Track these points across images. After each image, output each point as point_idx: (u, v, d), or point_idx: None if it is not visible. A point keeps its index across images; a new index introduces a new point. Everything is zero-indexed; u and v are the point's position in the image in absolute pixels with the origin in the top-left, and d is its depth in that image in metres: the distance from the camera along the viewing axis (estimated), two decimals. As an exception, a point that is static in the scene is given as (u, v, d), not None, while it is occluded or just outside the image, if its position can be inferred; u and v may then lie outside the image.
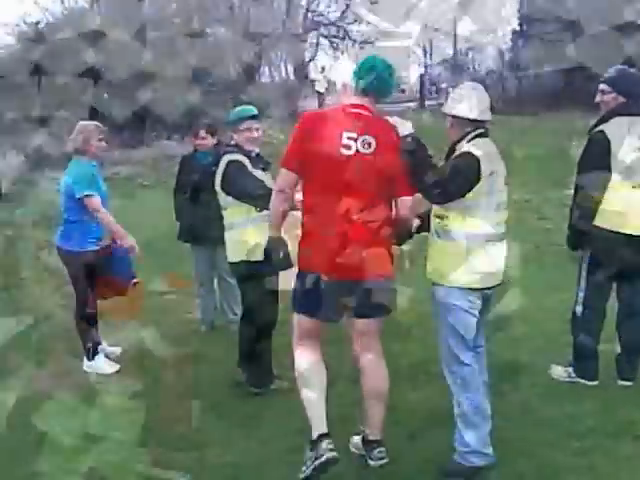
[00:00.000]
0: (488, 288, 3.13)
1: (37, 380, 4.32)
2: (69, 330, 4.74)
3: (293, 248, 3.11)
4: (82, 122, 4.46)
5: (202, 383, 4.15)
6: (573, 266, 4.08)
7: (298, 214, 3.14)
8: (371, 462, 3.08)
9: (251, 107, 4.06)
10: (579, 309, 3.96)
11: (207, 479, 3.11)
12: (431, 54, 42.75)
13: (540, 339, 4.63)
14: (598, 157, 3.73)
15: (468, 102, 3.14)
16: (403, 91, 41.50)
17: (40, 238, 8.86)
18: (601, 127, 3.78)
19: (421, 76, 32.84)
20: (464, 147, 3.06)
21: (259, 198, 3.63)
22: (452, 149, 3.15)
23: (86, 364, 4.42)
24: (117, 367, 4.40)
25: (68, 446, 3.42)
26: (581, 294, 3.94)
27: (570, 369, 4.01)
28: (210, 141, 4.88)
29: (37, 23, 21.00)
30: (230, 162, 3.86)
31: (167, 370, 4.37)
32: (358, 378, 3.93)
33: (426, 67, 42.70)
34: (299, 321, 3.10)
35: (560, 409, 3.63)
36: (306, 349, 3.09)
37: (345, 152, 2.91)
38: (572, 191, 3.97)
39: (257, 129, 3.98)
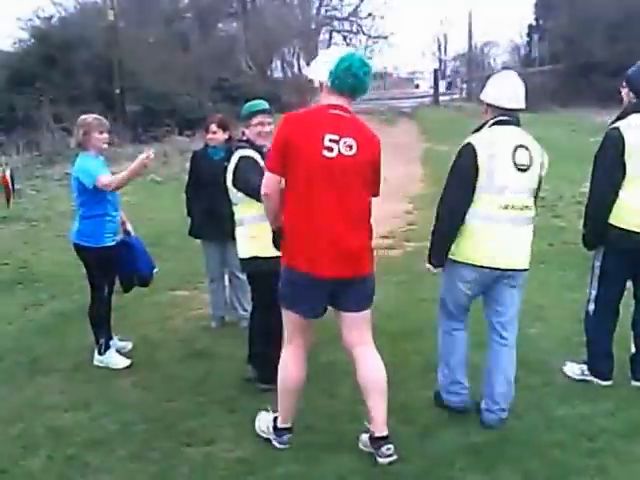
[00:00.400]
0: (492, 268, 3.31)
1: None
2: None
3: None
4: (81, 116, 4.42)
5: (212, 379, 4.15)
6: (587, 265, 4.03)
7: None
8: (379, 460, 3.11)
9: (262, 101, 4.05)
10: (591, 307, 3.92)
11: (216, 475, 3.10)
12: (446, 49, 42.63)
13: (554, 338, 4.60)
14: (612, 154, 3.68)
15: (494, 89, 3.42)
16: (417, 86, 41.43)
17: (52, 233, 8.94)
18: (617, 124, 3.74)
19: (435, 71, 32.68)
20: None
21: None
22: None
23: (97, 358, 4.44)
24: (128, 362, 4.42)
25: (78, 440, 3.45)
26: (593, 292, 3.91)
27: (584, 367, 3.97)
28: (221, 136, 4.86)
29: (50, 18, 21.09)
30: (242, 158, 3.85)
31: (177, 365, 4.39)
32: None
33: (441, 62, 42.58)
34: (288, 317, 3.17)
35: (572, 409, 3.60)
36: (293, 350, 3.19)
37: (327, 154, 2.95)
38: (587, 189, 3.93)
39: (269, 123, 3.96)
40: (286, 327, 3.21)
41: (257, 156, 3.86)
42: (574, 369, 4.01)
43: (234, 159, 3.88)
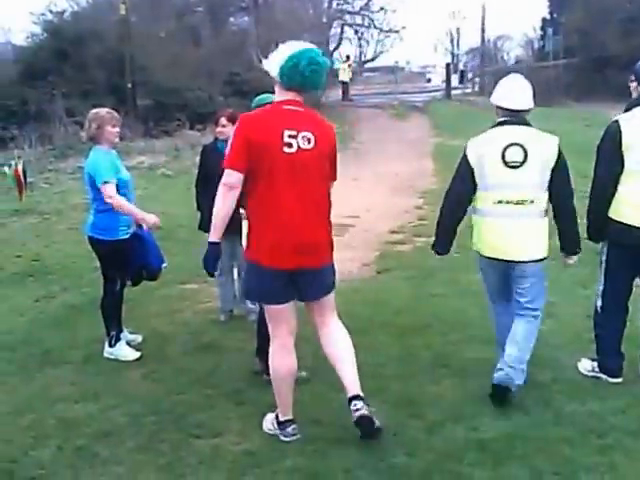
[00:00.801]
0: (496, 259, 3.61)
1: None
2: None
3: None
4: (93, 110, 4.44)
5: (221, 372, 4.17)
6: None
7: None
8: (355, 415, 3.17)
9: (272, 95, 4.03)
10: (599, 303, 3.89)
11: (224, 467, 3.11)
12: (459, 43, 42.32)
13: (565, 335, 4.56)
14: (610, 147, 3.66)
15: (499, 91, 3.68)
16: (429, 80, 41.22)
17: (64, 226, 8.99)
18: (617, 117, 3.72)
19: (447, 65, 32.46)
20: None
21: None
22: None
23: (107, 350, 4.46)
24: (138, 354, 4.44)
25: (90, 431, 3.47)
26: (601, 288, 3.88)
27: (595, 364, 3.94)
28: (231, 129, 4.83)
29: (63, 12, 21.15)
30: None
31: (186, 358, 4.41)
32: (378, 372, 3.96)
33: (453, 56, 42.29)
34: (269, 311, 3.26)
35: (582, 406, 3.57)
36: (279, 340, 3.26)
37: (288, 150, 3.05)
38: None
39: None
40: (268, 320, 3.28)
41: None
42: (586, 365, 3.98)
43: None
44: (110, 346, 4.46)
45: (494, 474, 2.99)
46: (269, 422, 3.41)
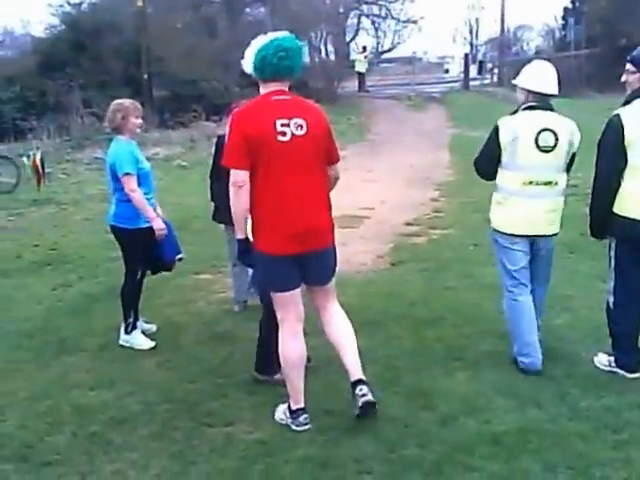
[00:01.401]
0: (522, 235, 3.82)
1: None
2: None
3: None
4: (118, 100, 4.49)
5: (234, 361, 4.19)
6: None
7: None
8: (361, 400, 3.23)
9: None
10: (611, 300, 3.86)
11: (235, 455, 3.13)
12: (477, 33, 41.88)
13: (581, 329, 4.51)
14: (612, 141, 3.62)
15: (527, 74, 3.84)
16: (447, 71, 40.84)
17: (80, 216, 9.07)
18: (618, 110, 3.66)
19: (466, 56, 32.14)
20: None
21: None
22: None
23: (123, 338, 4.50)
24: (152, 344, 4.47)
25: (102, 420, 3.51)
26: (611, 283, 3.84)
27: (612, 358, 3.89)
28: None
29: (80, 4, 21.24)
30: None
31: (200, 347, 4.43)
32: (391, 364, 3.95)
33: (472, 46, 41.87)
34: (277, 298, 3.31)
35: (597, 400, 3.54)
36: (288, 326, 3.31)
37: (282, 139, 3.11)
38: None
39: None
40: (275, 307, 3.34)
41: None
42: (602, 360, 3.93)
43: None
44: (126, 333, 4.49)
45: (506, 467, 2.97)
46: (281, 412, 3.42)
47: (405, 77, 30.11)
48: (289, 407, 3.36)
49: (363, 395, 3.25)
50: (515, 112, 3.87)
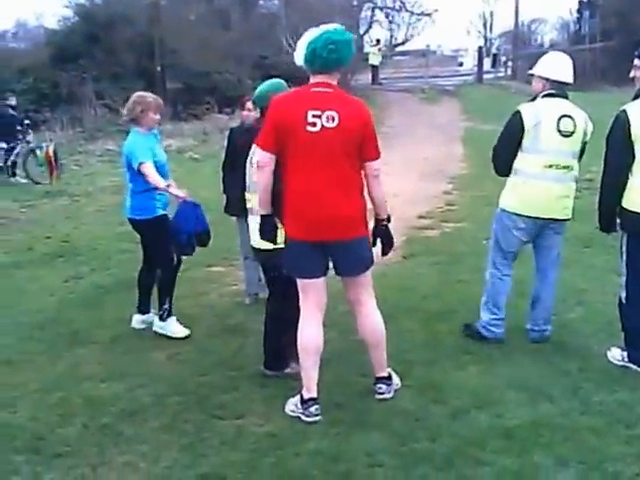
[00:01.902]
0: (538, 218, 3.95)
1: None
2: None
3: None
4: (140, 93, 4.49)
5: (245, 354, 4.19)
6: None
7: None
8: (376, 397, 3.44)
9: (275, 81, 3.89)
10: (623, 294, 3.82)
11: (246, 448, 3.13)
12: (492, 26, 41.48)
13: (595, 323, 4.47)
14: (620, 137, 3.63)
15: (546, 63, 4.01)
16: (461, 64, 40.55)
17: (92, 208, 9.10)
18: (625, 106, 3.66)
19: (480, 49, 31.87)
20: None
21: None
22: None
23: (157, 324, 4.51)
24: (187, 332, 4.48)
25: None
26: (624, 278, 3.81)
27: (625, 353, 3.86)
28: (257, 113, 4.82)
29: (94, -4, 21.31)
30: None
31: (211, 340, 4.43)
32: (402, 357, 3.93)
33: (486, 39, 41.50)
34: (300, 284, 3.39)
35: (610, 395, 3.50)
36: (308, 315, 3.36)
37: (311, 129, 3.18)
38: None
39: None
40: (300, 292, 3.39)
41: None
42: (615, 354, 3.90)
43: None
44: (161, 319, 4.50)
45: (518, 462, 2.95)
46: (292, 404, 3.42)
47: (419, 70, 29.92)
48: (301, 397, 3.36)
49: (381, 394, 3.47)
50: (533, 100, 4.02)
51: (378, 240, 3.51)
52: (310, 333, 3.35)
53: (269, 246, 3.61)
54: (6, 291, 5.68)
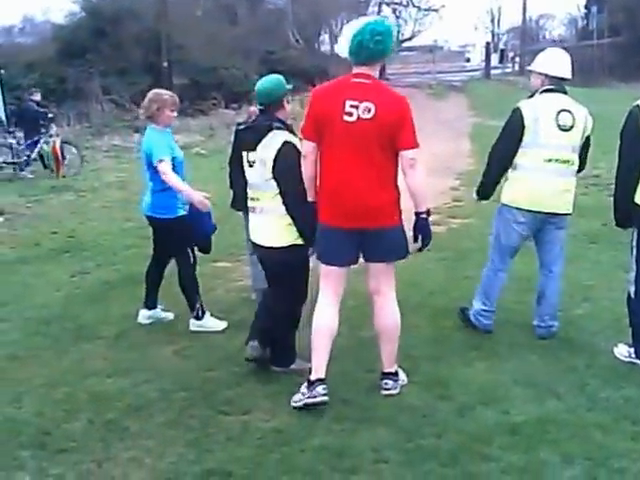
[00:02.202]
0: (540, 212, 3.96)
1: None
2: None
3: None
4: (156, 90, 4.49)
5: (250, 350, 4.17)
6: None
7: None
8: (381, 392, 3.46)
9: (273, 76, 3.76)
10: (632, 289, 3.79)
11: (251, 444, 3.12)
12: (499, 22, 41.29)
13: (601, 319, 4.45)
14: (632, 132, 3.63)
15: (542, 59, 4.06)
16: (468, 60, 40.44)
17: (98, 203, 9.12)
18: (638, 101, 3.67)
19: (487, 44, 31.75)
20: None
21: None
22: None
23: (195, 324, 4.51)
24: (225, 324, 4.50)
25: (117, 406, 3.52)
26: (633, 274, 3.78)
27: (632, 349, 3.84)
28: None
29: (101, -9, 21.30)
30: (286, 144, 3.53)
31: (217, 335, 4.43)
32: (409, 353, 3.92)
33: (493, 35, 41.32)
34: (324, 269, 3.45)
35: (616, 391, 3.49)
36: (326, 299, 3.43)
37: (348, 119, 3.24)
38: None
39: (287, 102, 3.76)
40: (322, 276, 3.46)
41: (297, 142, 3.56)
42: (622, 351, 3.88)
43: (275, 142, 3.54)
44: (197, 319, 4.51)
45: (524, 458, 2.94)
46: (297, 395, 3.40)
47: (426, 65, 29.86)
48: (308, 380, 3.36)
49: (387, 390, 3.49)
50: (532, 96, 4.07)
51: (419, 236, 3.44)
52: (325, 315, 3.41)
53: (270, 243, 3.62)
54: (12, 286, 5.69)
